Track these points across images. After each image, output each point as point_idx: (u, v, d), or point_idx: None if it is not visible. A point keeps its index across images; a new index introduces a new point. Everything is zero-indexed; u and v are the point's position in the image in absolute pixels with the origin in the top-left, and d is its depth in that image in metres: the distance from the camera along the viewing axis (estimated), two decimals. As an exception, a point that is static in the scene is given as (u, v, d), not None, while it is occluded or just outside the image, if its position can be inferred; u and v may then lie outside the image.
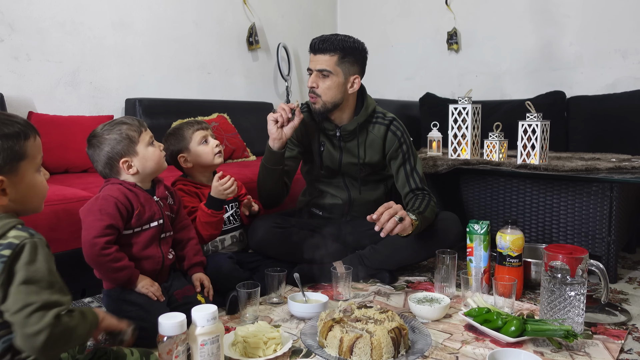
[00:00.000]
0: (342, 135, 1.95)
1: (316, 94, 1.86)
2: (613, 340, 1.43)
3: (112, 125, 1.47)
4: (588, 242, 1.98)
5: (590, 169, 1.94)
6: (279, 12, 3.72)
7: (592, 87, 2.97)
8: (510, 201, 2.20)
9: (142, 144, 1.48)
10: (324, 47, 1.82)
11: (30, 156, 1.03)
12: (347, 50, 1.84)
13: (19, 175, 1.01)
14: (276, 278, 1.70)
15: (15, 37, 2.42)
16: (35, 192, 1.06)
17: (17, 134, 1.00)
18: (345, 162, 1.98)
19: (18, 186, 1.01)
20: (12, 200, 1.01)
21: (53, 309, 0.93)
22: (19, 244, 0.93)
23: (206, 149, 1.83)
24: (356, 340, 1.28)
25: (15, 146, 0.99)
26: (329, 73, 1.83)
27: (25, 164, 1.02)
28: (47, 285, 0.94)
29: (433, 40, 3.64)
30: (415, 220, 1.73)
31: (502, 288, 1.58)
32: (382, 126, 1.96)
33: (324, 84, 1.85)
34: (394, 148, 1.95)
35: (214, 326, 1.19)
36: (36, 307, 0.91)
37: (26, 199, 1.04)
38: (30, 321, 0.91)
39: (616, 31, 2.90)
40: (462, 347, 1.39)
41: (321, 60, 1.83)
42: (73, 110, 2.62)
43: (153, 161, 1.50)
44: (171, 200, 1.62)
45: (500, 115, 2.84)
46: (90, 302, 1.78)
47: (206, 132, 1.86)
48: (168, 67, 3.06)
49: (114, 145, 1.45)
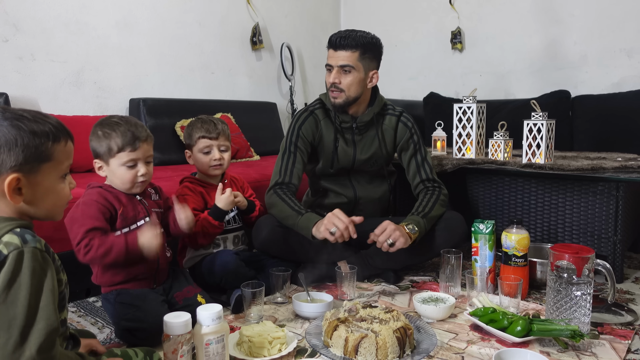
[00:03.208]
0: (359, 127, 1.98)
1: (339, 89, 1.88)
2: (620, 340, 1.42)
3: (113, 126, 1.44)
4: (594, 242, 1.97)
5: (596, 168, 1.93)
6: (282, 12, 3.72)
7: (597, 86, 2.95)
8: (516, 201, 2.19)
9: (116, 160, 1.44)
10: (346, 44, 1.83)
11: (56, 160, 0.97)
12: (367, 47, 1.86)
13: (39, 177, 0.95)
14: (281, 278, 1.70)
15: (19, 37, 2.42)
16: (53, 198, 0.99)
17: (46, 134, 0.95)
18: (359, 159, 2.00)
19: (35, 188, 0.95)
20: (27, 202, 0.95)
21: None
22: (6, 255, 0.87)
23: (204, 158, 1.82)
24: (361, 340, 1.28)
25: (41, 146, 0.94)
26: (351, 69, 1.86)
27: (48, 166, 0.96)
28: (22, 321, 0.86)
29: (437, 39, 3.64)
30: (414, 233, 1.75)
31: (507, 288, 1.58)
32: (394, 117, 2.02)
33: (346, 80, 1.87)
34: (405, 139, 2.00)
35: (219, 325, 1.18)
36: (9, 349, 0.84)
37: (42, 204, 0.98)
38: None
39: (621, 30, 2.88)
40: (467, 347, 1.38)
41: (343, 56, 1.85)
42: (77, 110, 2.63)
43: (120, 181, 1.46)
44: (156, 196, 1.62)
45: (505, 115, 2.82)
46: (94, 301, 1.79)
47: (211, 142, 1.82)
48: (172, 67, 3.06)
49: (98, 143, 1.45)
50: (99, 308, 1.72)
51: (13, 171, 0.92)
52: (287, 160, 1.94)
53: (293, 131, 1.97)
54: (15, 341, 0.85)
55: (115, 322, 1.45)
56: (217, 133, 1.83)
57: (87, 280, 1.55)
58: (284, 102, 3.72)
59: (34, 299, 0.87)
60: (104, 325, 1.57)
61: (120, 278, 1.47)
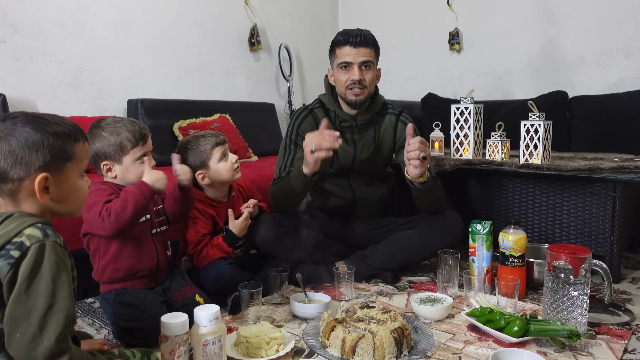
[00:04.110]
0: (359, 126, 1.99)
1: (364, 85, 1.91)
2: (616, 340, 1.43)
3: (115, 125, 1.46)
4: (591, 242, 1.97)
5: (593, 169, 1.93)
6: (280, 13, 3.72)
7: (595, 87, 2.96)
8: (513, 201, 2.19)
9: (129, 157, 1.46)
10: (365, 41, 1.89)
11: (77, 159, 1.04)
12: (376, 45, 1.95)
13: (64, 176, 1.02)
14: (278, 278, 1.70)
15: (17, 38, 2.42)
16: (75, 195, 1.06)
17: (67, 134, 1.01)
18: (359, 158, 2.00)
19: (61, 186, 1.02)
20: (53, 200, 1.01)
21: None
22: (28, 247, 0.92)
23: (226, 165, 1.78)
24: (359, 340, 1.28)
25: (65, 146, 1.01)
26: (372, 64, 1.92)
27: (71, 165, 1.03)
28: (42, 310, 0.91)
29: (435, 40, 3.64)
30: (428, 175, 1.79)
31: (504, 288, 1.58)
32: (393, 116, 2.05)
33: (368, 76, 1.92)
34: (404, 137, 1.96)
35: (217, 326, 1.19)
36: (30, 336, 0.90)
37: (66, 201, 1.04)
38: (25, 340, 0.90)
39: (618, 31, 2.89)
40: (464, 347, 1.39)
41: (365, 53, 1.89)
42: (75, 111, 2.63)
43: (134, 176, 1.47)
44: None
45: (503, 115, 2.83)
46: (92, 302, 1.78)
47: (224, 146, 1.80)
48: (170, 68, 3.06)
49: (106, 143, 1.44)
50: (96, 309, 1.72)
51: (41, 171, 0.98)
52: (288, 157, 1.95)
53: (293, 129, 1.98)
54: (34, 330, 0.90)
55: (113, 322, 1.45)
56: (222, 138, 1.81)
57: (85, 281, 1.54)
58: (282, 103, 3.72)
59: (54, 290, 0.92)
60: (101, 327, 1.57)
61: (121, 274, 1.47)
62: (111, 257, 1.46)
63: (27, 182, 0.98)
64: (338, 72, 1.94)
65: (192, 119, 2.86)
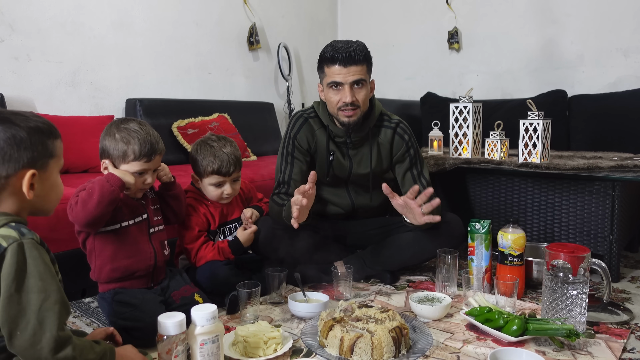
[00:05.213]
0: (353, 142, 1.90)
1: (356, 105, 1.78)
2: (615, 339, 1.42)
3: (131, 133, 1.44)
4: (590, 241, 1.97)
5: (592, 168, 1.93)
6: (279, 12, 3.72)
7: (594, 86, 2.96)
8: (512, 200, 2.19)
9: (128, 166, 1.45)
10: (356, 58, 1.73)
11: (57, 156, 1.05)
12: (368, 58, 1.80)
13: (47, 173, 1.02)
14: (277, 278, 1.70)
15: (15, 37, 2.42)
16: (55, 192, 1.06)
17: (49, 131, 1.02)
18: (355, 172, 1.94)
19: (44, 183, 1.02)
20: (36, 197, 1.01)
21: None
22: (5, 247, 0.91)
23: (215, 191, 1.75)
24: (357, 339, 1.27)
25: (47, 142, 1.01)
26: (365, 82, 1.78)
27: (53, 162, 1.03)
28: (37, 306, 0.92)
29: (434, 39, 3.64)
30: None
31: (503, 287, 1.58)
32: (389, 130, 1.93)
33: (360, 95, 1.78)
34: (401, 152, 1.93)
35: (214, 326, 1.18)
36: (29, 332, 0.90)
37: (47, 198, 1.04)
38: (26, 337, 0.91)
39: (618, 30, 2.89)
40: (463, 347, 1.38)
41: (356, 71, 1.74)
42: (73, 111, 2.62)
43: (128, 184, 1.44)
44: (152, 194, 1.63)
45: (502, 114, 2.83)
46: (90, 302, 1.78)
47: (224, 179, 1.73)
48: (168, 67, 3.06)
49: (114, 145, 1.44)
50: (94, 309, 1.71)
51: (29, 167, 0.98)
52: (285, 169, 1.91)
53: (289, 140, 1.91)
54: (34, 325, 0.91)
55: (111, 322, 1.44)
56: (228, 170, 1.72)
57: (83, 280, 1.55)
58: (281, 103, 3.71)
59: (44, 285, 0.93)
60: (99, 326, 1.56)
61: (119, 274, 1.47)
62: (108, 257, 1.46)
63: (14, 179, 0.97)
64: (328, 91, 1.81)
65: (191, 118, 2.85)
